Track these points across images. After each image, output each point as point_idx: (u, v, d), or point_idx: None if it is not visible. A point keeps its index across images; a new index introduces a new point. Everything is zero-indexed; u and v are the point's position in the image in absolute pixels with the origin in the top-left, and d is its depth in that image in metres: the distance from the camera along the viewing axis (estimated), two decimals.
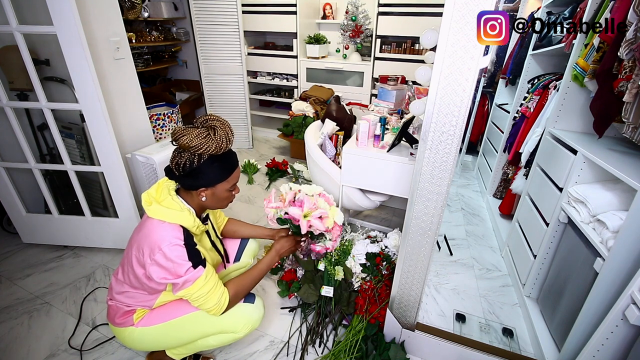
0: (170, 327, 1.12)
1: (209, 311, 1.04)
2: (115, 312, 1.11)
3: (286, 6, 3.41)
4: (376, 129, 1.73)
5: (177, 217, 1.01)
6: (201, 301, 1.01)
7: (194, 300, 1.01)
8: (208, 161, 0.99)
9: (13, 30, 1.39)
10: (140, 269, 1.01)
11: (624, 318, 0.94)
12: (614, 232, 1.05)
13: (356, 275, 1.61)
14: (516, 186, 1.96)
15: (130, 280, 1.07)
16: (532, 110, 1.94)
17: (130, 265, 1.03)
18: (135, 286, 1.08)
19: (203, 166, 0.99)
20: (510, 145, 2.19)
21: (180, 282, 0.97)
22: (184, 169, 0.99)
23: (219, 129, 0.98)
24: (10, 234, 2.02)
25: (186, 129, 0.97)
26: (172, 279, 0.97)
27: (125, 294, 1.10)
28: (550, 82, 1.86)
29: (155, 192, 1.05)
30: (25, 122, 1.81)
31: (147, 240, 0.98)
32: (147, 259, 0.97)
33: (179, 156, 0.99)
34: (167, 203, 1.03)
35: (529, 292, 1.58)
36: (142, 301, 1.11)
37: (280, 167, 3.01)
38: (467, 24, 0.84)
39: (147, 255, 0.97)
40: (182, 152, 0.99)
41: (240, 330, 1.14)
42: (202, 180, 1.02)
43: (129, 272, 1.06)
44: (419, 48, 3.24)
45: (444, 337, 1.29)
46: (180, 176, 1.01)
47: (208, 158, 0.99)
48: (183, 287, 0.98)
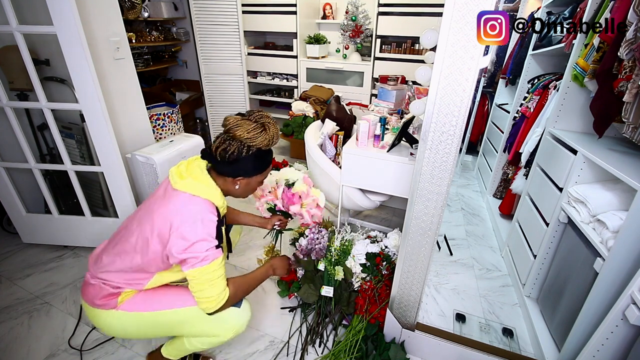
0: (154, 318, 1.06)
1: (207, 301, 0.98)
2: (98, 292, 1.03)
3: (286, 6, 3.41)
4: (376, 129, 1.73)
5: (211, 194, 1.01)
6: (205, 286, 0.97)
7: (201, 282, 0.96)
8: (255, 154, 1.02)
9: (13, 30, 1.39)
10: (157, 244, 0.97)
11: (624, 318, 0.94)
12: (614, 232, 1.05)
13: (356, 275, 1.61)
14: (516, 186, 1.96)
15: (131, 256, 1.00)
16: (532, 110, 1.94)
17: (143, 238, 0.98)
18: (135, 262, 1.01)
19: (249, 157, 1.02)
20: (510, 145, 2.19)
21: (201, 256, 0.94)
22: (230, 156, 1.00)
23: (271, 126, 1.03)
24: (10, 234, 2.02)
25: (241, 120, 1.00)
26: (193, 253, 0.94)
27: (117, 273, 1.03)
28: (550, 82, 1.86)
29: (185, 169, 1.04)
30: (25, 122, 1.81)
31: (179, 213, 0.95)
32: (174, 232, 0.94)
33: (228, 144, 1.00)
34: (202, 179, 1.02)
35: (529, 292, 1.58)
36: (135, 280, 1.04)
37: (280, 167, 3.01)
38: (467, 24, 0.84)
39: (176, 228, 0.94)
40: (231, 140, 1.00)
41: (225, 335, 1.09)
42: (243, 170, 1.04)
43: (134, 247, 1.00)
44: (419, 48, 3.24)
45: (444, 337, 1.29)
46: (221, 162, 1.02)
47: (255, 151, 1.02)
48: (200, 263, 0.94)
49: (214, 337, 1.10)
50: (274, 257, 1.33)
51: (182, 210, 0.96)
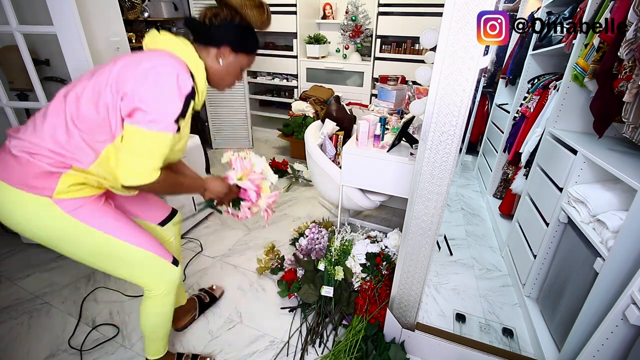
0: (92, 238, 0.91)
1: (131, 172, 0.83)
2: (32, 168, 0.82)
3: (286, 6, 3.41)
4: (376, 129, 1.73)
5: (193, 62, 0.90)
6: (136, 159, 0.82)
7: (134, 150, 0.81)
8: (244, 27, 0.96)
9: (13, 30, 1.39)
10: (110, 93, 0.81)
11: (624, 318, 0.94)
12: (614, 232, 1.05)
13: (356, 275, 1.61)
14: (516, 186, 1.96)
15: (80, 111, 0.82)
16: (532, 110, 1.94)
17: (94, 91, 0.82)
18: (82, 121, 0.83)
19: (239, 26, 0.95)
20: (510, 145, 2.19)
21: (153, 116, 0.80)
22: (219, 21, 0.93)
23: (267, 8, 0.98)
24: (10, 234, 2.01)
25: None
26: (146, 106, 0.79)
27: (60, 137, 0.83)
28: (550, 82, 1.86)
29: (162, 38, 0.92)
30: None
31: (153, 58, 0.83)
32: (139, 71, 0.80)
33: (221, 10, 0.93)
34: (184, 47, 0.91)
35: (529, 292, 1.58)
36: (81, 150, 0.85)
37: (280, 167, 3.01)
38: (467, 24, 0.84)
39: (143, 68, 0.81)
40: (226, 7, 0.94)
41: (155, 287, 1.04)
42: (229, 39, 0.95)
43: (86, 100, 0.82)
44: (419, 48, 3.24)
45: (444, 337, 1.29)
46: (209, 28, 0.93)
47: (245, 25, 0.96)
48: (147, 125, 0.80)
49: (140, 284, 1.05)
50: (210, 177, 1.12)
51: (156, 57, 0.84)
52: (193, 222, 2.19)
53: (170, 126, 0.83)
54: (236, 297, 1.65)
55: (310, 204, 2.56)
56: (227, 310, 1.56)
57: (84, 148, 0.85)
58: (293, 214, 2.41)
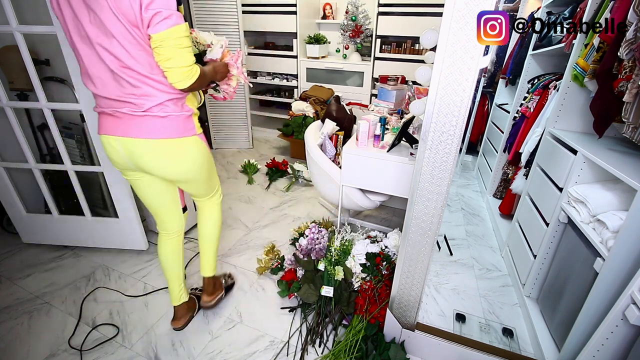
0: (210, 158, 1.27)
1: (179, 70, 0.98)
2: (176, 122, 1.08)
3: (286, 6, 3.41)
4: (376, 129, 1.73)
5: None
6: (175, 53, 0.95)
7: (170, 48, 0.94)
8: None
9: (13, 30, 1.39)
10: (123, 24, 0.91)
11: (624, 318, 0.94)
12: (614, 232, 1.05)
13: (356, 275, 1.61)
14: (516, 186, 1.96)
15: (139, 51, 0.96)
16: (532, 110, 1.94)
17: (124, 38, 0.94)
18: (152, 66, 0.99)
19: None
20: (510, 145, 2.19)
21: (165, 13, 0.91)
22: None
23: None
24: (10, 234, 2.02)
25: None
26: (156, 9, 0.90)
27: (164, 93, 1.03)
28: (550, 82, 1.86)
29: None
30: (25, 122, 1.81)
31: None
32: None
33: None
34: None
35: (529, 292, 1.58)
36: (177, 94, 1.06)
37: (280, 167, 3.01)
38: (467, 24, 0.84)
39: None
40: None
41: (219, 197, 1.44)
42: None
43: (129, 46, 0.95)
44: (419, 48, 3.24)
45: (444, 337, 1.29)
46: None
47: None
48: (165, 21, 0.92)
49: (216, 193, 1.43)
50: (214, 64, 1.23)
51: None
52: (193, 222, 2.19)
53: (180, 19, 0.96)
54: (236, 297, 1.65)
55: (310, 204, 2.56)
56: (227, 310, 1.56)
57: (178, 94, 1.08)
58: (293, 214, 2.41)
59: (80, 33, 0.97)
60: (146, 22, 0.92)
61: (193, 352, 1.36)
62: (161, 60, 0.97)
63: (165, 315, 1.53)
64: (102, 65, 0.99)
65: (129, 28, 0.92)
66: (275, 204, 2.55)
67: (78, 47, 0.99)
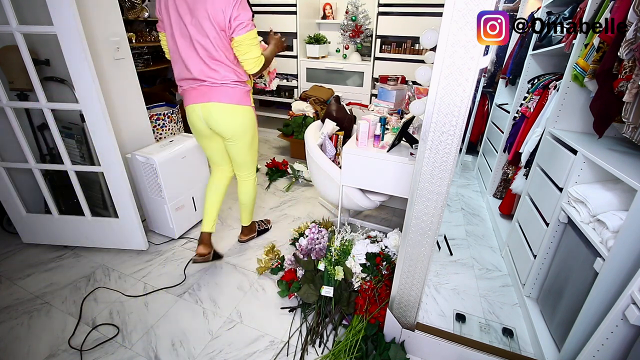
0: (255, 130, 1.67)
1: (254, 60, 1.41)
2: (240, 93, 1.48)
3: (286, 6, 3.41)
4: (376, 129, 1.73)
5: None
6: (250, 48, 1.37)
7: (247, 45, 1.36)
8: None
9: (13, 30, 1.39)
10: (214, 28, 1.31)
11: (624, 318, 0.94)
12: (614, 232, 1.05)
13: (356, 275, 1.61)
14: (516, 186, 1.96)
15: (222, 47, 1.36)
16: (532, 110, 1.94)
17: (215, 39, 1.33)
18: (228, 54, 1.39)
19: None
20: (510, 145, 2.19)
21: (245, 23, 1.31)
22: None
23: None
24: (10, 234, 2.02)
25: None
26: (240, 20, 1.30)
27: (234, 73, 1.43)
28: (550, 82, 1.86)
29: None
30: (25, 122, 1.81)
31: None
32: (228, 8, 1.28)
33: None
34: None
35: (529, 292, 1.58)
36: (243, 74, 1.47)
37: (280, 167, 3.01)
38: (467, 24, 0.84)
39: (229, 4, 1.28)
40: None
41: (254, 173, 1.85)
42: None
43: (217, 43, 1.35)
44: (419, 48, 3.24)
45: (444, 337, 1.29)
46: None
47: None
48: (245, 29, 1.32)
49: (253, 167, 1.82)
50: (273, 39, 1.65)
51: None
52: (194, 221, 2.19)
53: (252, 26, 1.37)
54: (236, 297, 1.65)
55: (310, 204, 2.56)
56: (227, 310, 1.57)
57: (243, 73, 1.48)
58: (293, 214, 2.41)
59: (182, 31, 1.35)
60: (232, 29, 1.33)
61: (193, 352, 1.36)
62: (240, 54, 1.39)
63: (165, 315, 1.53)
64: (195, 55, 1.38)
65: (218, 31, 1.33)
66: (275, 204, 2.55)
67: (178, 41, 1.37)
